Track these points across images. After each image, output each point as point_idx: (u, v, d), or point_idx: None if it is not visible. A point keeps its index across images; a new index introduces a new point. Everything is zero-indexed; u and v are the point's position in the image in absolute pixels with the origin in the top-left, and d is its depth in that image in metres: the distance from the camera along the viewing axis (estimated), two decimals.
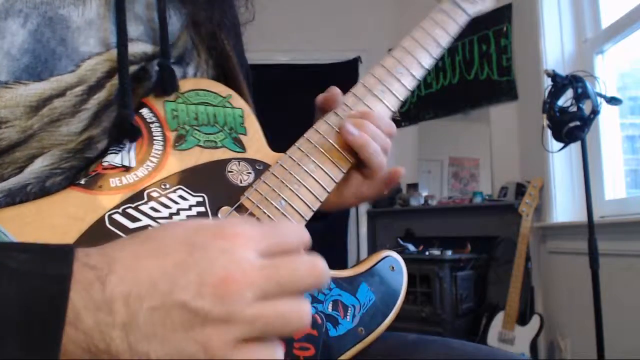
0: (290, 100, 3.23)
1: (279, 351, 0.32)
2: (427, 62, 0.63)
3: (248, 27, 0.67)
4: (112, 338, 0.29)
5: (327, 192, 0.54)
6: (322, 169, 0.54)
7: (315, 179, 0.54)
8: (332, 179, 0.55)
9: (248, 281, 0.31)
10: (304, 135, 0.56)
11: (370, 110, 0.59)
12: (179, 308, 0.30)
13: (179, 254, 0.31)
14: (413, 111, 3.47)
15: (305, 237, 0.37)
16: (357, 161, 0.57)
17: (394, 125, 0.59)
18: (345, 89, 0.60)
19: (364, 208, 3.63)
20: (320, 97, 0.60)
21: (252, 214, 0.50)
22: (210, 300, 0.30)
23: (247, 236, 0.33)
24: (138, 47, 0.50)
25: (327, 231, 0.70)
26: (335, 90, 0.59)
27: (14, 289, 0.28)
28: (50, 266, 0.29)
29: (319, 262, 0.34)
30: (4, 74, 0.41)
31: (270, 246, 0.34)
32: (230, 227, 0.33)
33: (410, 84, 0.61)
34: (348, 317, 0.51)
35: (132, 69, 0.49)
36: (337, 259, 3.58)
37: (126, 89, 0.47)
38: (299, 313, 0.32)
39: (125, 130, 0.47)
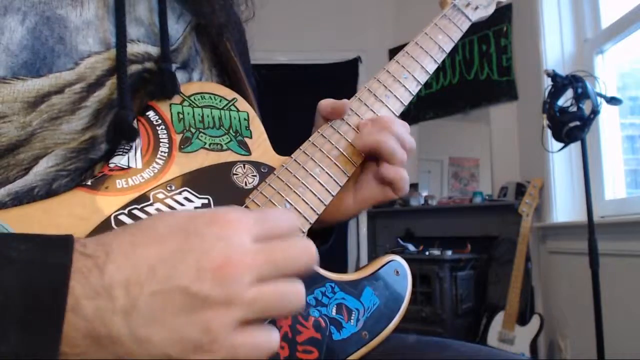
0: (290, 100, 3.24)
1: (275, 333, 0.34)
2: (431, 67, 0.63)
3: (248, 27, 0.67)
4: (112, 324, 0.29)
5: (332, 195, 0.54)
6: (327, 173, 0.54)
7: (320, 183, 0.54)
8: (337, 182, 0.55)
9: (245, 265, 0.32)
10: (309, 139, 0.56)
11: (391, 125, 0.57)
12: (179, 292, 0.30)
13: (174, 242, 0.32)
14: (413, 111, 3.47)
15: (296, 221, 0.38)
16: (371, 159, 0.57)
17: (412, 143, 0.58)
18: (345, 89, 0.60)
19: None
20: (327, 105, 0.57)
21: None
22: (210, 284, 0.31)
23: (241, 222, 0.34)
24: (139, 48, 0.50)
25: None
26: (344, 102, 0.57)
27: (15, 278, 0.28)
28: (50, 256, 0.30)
29: (310, 243, 0.36)
30: (2, 69, 0.41)
31: (263, 231, 0.35)
32: (224, 214, 0.34)
33: (414, 89, 0.62)
34: (352, 320, 0.51)
35: (135, 68, 0.49)
36: (337, 259, 3.59)
37: (124, 89, 0.46)
38: (296, 293, 0.34)
39: (122, 131, 0.47)
